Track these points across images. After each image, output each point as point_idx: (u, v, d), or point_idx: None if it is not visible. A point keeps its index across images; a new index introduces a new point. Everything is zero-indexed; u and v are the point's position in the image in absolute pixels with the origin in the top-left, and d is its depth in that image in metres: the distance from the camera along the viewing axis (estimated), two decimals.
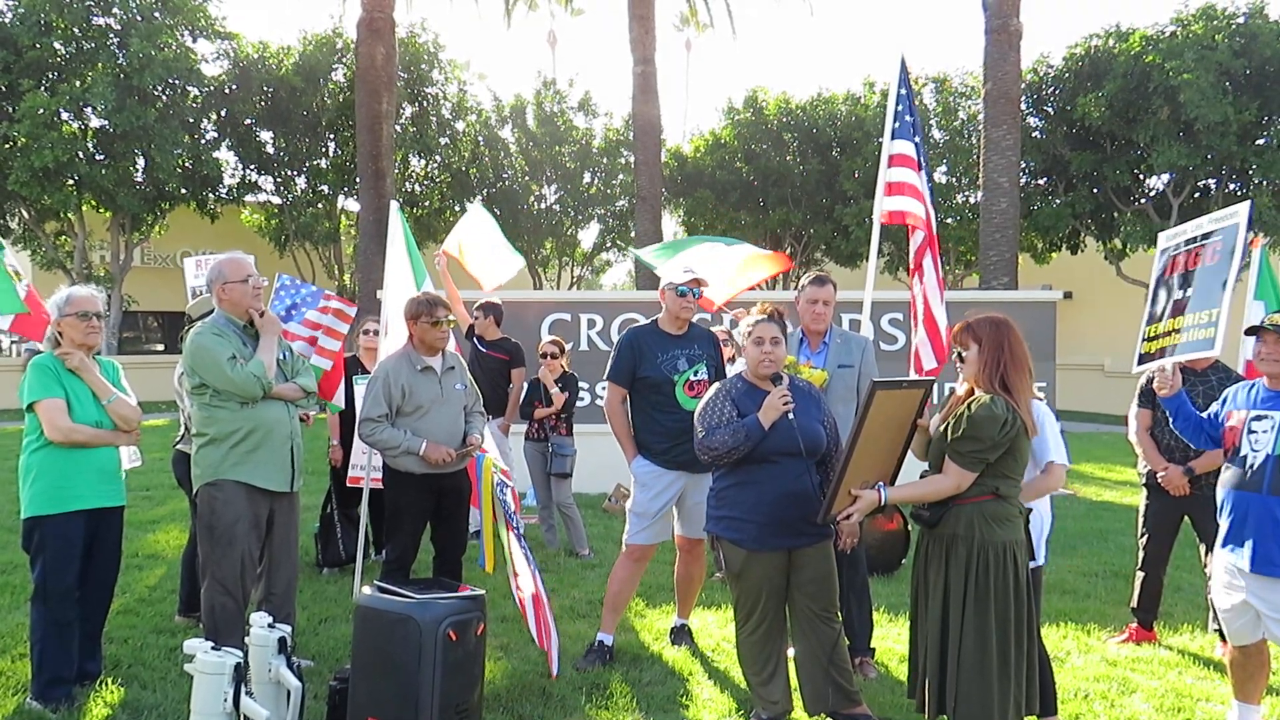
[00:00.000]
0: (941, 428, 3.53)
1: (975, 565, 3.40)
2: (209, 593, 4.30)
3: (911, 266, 6.20)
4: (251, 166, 23.01)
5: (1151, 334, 4.45)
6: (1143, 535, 5.36)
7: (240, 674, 3.52)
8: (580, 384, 8.77)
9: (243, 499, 4.27)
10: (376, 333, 6.87)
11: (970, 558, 3.41)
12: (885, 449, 3.68)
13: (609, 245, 26.92)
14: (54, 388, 4.13)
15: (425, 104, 23.50)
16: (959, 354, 3.56)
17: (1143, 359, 4.48)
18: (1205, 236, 4.28)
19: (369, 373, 6.58)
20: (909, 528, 6.51)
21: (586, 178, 25.30)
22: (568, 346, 7.76)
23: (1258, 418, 3.75)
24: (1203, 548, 5.17)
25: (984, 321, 3.55)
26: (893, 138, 6.21)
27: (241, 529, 4.27)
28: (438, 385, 4.94)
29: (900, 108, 6.22)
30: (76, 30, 19.02)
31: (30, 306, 4.98)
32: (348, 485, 6.47)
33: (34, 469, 4.17)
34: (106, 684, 4.36)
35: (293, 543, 4.58)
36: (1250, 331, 4.06)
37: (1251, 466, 3.70)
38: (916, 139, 6.18)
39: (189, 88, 20.52)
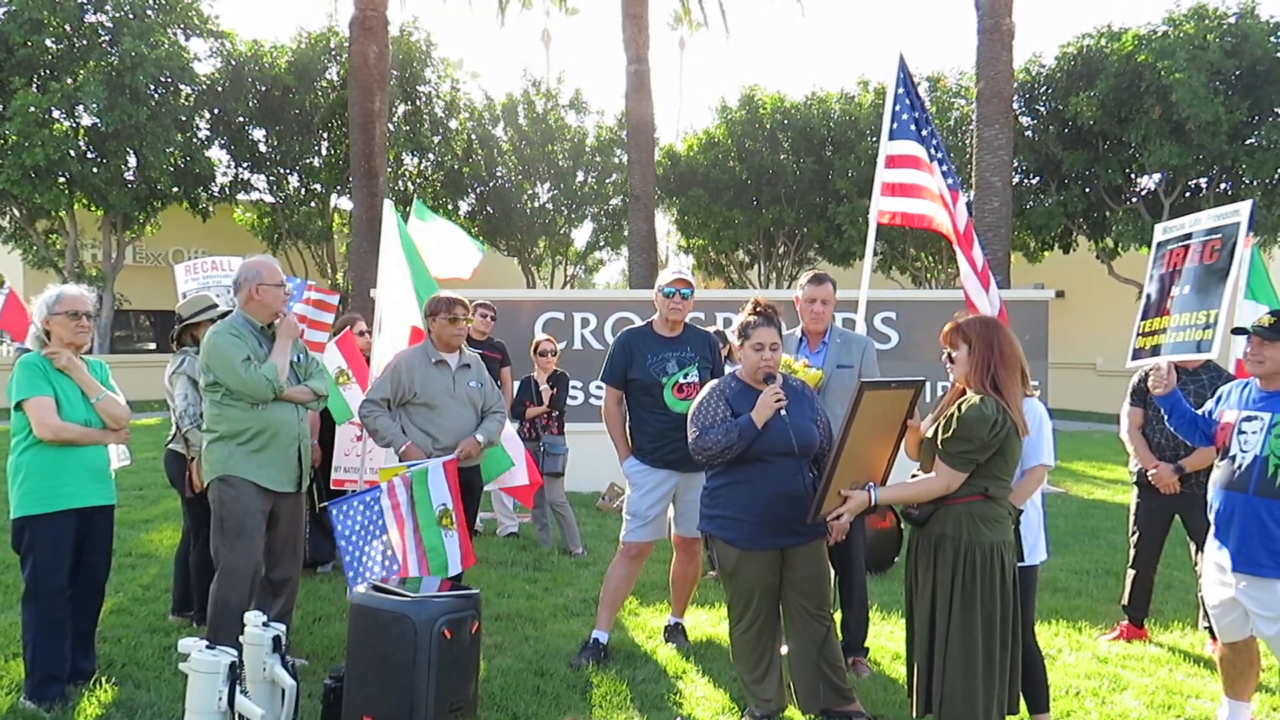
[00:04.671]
0: (932, 428, 3.54)
1: (962, 565, 3.42)
2: (220, 587, 4.32)
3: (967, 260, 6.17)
4: (244, 165, 22.96)
5: (1146, 329, 4.45)
6: (1134, 533, 5.38)
7: (235, 673, 3.52)
8: (573, 383, 8.77)
9: (251, 494, 4.33)
10: (364, 332, 6.85)
11: (958, 557, 3.43)
12: (875, 449, 3.69)
13: (602, 244, 26.92)
14: (42, 386, 4.12)
15: (418, 102, 23.49)
16: (949, 354, 3.57)
17: (1136, 354, 4.49)
18: (1204, 233, 4.26)
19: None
20: (901, 526, 6.53)
21: (580, 176, 25.29)
22: (559, 345, 7.77)
23: (1248, 418, 3.77)
24: (1193, 546, 5.19)
25: (974, 322, 3.57)
26: (891, 138, 6.20)
27: (252, 522, 4.33)
28: (450, 380, 5.03)
29: (898, 108, 6.21)
30: (68, 28, 18.97)
31: (12, 307, 4.92)
32: (332, 487, 6.43)
33: (23, 469, 4.15)
34: (101, 683, 4.35)
35: (298, 540, 4.64)
36: (1237, 332, 4.09)
37: (1240, 466, 3.72)
38: (925, 132, 6.15)
39: (181, 86, 20.47)
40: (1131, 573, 5.38)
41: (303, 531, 4.73)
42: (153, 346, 26.89)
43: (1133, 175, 19.67)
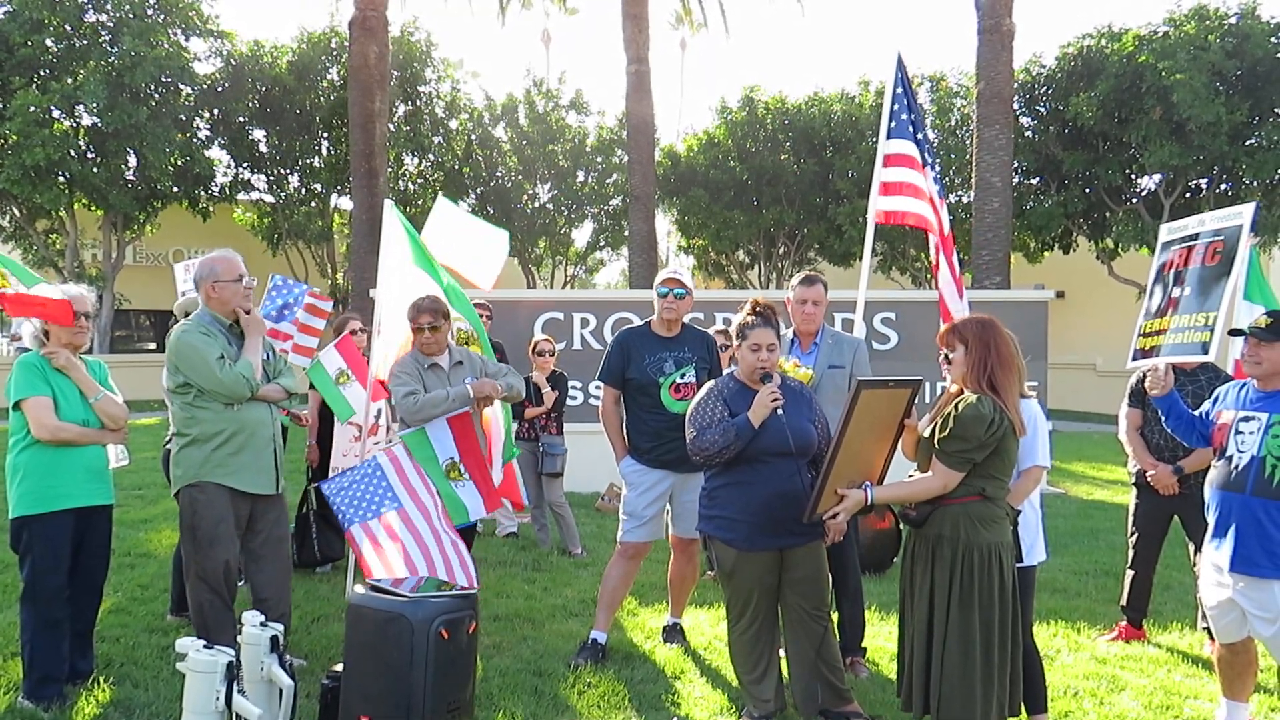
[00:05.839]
0: (929, 428, 3.54)
1: (960, 566, 3.41)
2: (195, 592, 4.30)
3: (932, 265, 6.28)
4: (244, 165, 22.95)
5: (1147, 330, 4.45)
6: (1132, 534, 5.38)
7: (232, 672, 3.52)
8: (572, 383, 8.77)
9: (225, 500, 4.26)
10: (360, 330, 6.79)
11: (955, 559, 3.42)
12: (872, 448, 3.69)
13: (602, 244, 26.93)
14: (41, 386, 4.12)
15: (418, 103, 23.49)
16: (946, 355, 3.57)
17: (1137, 355, 4.49)
18: (1209, 235, 4.26)
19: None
20: (900, 527, 6.53)
21: (580, 176, 25.28)
22: (558, 345, 7.77)
23: (1245, 419, 3.77)
24: (1192, 546, 5.19)
25: (970, 322, 3.57)
26: (889, 137, 6.22)
27: (224, 529, 4.27)
28: (446, 383, 4.98)
29: (897, 107, 6.23)
30: (68, 27, 18.97)
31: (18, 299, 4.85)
32: None
33: (21, 468, 4.15)
34: (99, 683, 4.36)
35: (282, 542, 4.58)
36: (1234, 333, 4.09)
37: (1237, 467, 3.72)
38: (919, 136, 6.18)
39: (181, 86, 20.46)
40: (1130, 573, 5.38)
41: (287, 533, 4.68)
42: (152, 346, 26.88)
43: (1133, 176, 19.67)
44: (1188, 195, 19.00)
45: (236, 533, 4.33)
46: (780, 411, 3.84)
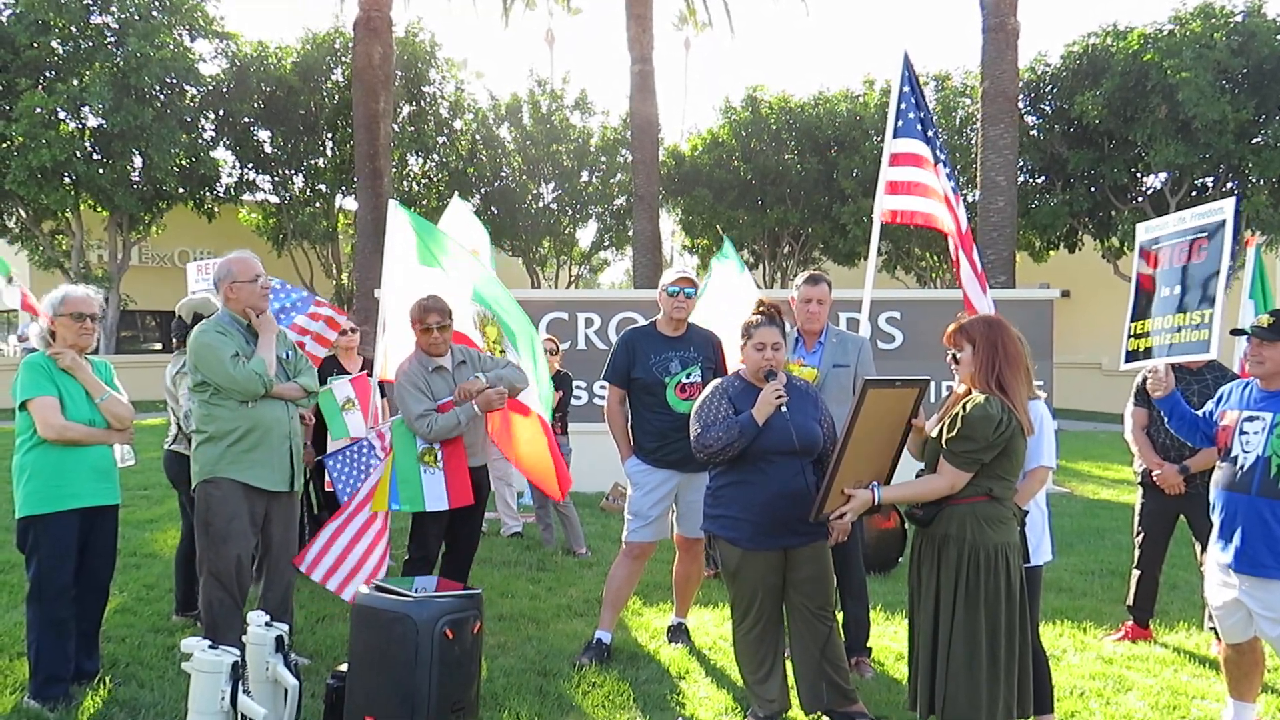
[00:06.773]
0: (937, 428, 3.53)
1: (966, 566, 3.40)
2: (206, 589, 4.32)
3: (953, 262, 6.32)
4: (249, 166, 23.04)
5: (1137, 331, 4.44)
6: (1139, 534, 5.36)
7: (237, 672, 3.53)
8: (576, 383, 8.78)
9: (239, 496, 4.29)
10: (352, 330, 6.78)
11: (961, 559, 3.41)
12: (879, 448, 3.68)
13: (607, 244, 26.94)
14: (47, 386, 4.13)
15: (423, 103, 23.54)
16: (954, 355, 3.56)
17: (1129, 357, 4.48)
18: (1188, 232, 4.25)
19: (348, 373, 6.54)
20: (905, 526, 6.51)
21: (584, 176, 25.32)
22: (562, 345, 7.76)
23: (1250, 418, 3.75)
24: (1198, 546, 5.17)
25: (977, 322, 3.56)
26: (895, 136, 6.20)
27: (238, 526, 4.29)
28: (452, 384, 4.95)
29: (903, 106, 6.21)
30: (74, 29, 19.04)
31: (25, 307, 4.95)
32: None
33: (28, 468, 4.16)
34: (104, 683, 4.36)
35: (291, 542, 4.59)
36: (1236, 333, 4.08)
37: (1242, 467, 3.71)
38: (930, 133, 6.17)
39: (187, 87, 20.55)
40: (1136, 573, 5.36)
41: (297, 533, 4.70)
42: (158, 347, 27.00)
43: (1138, 174, 19.64)
44: (1194, 194, 18.96)
45: (252, 529, 4.36)
46: (785, 410, 3.84)
